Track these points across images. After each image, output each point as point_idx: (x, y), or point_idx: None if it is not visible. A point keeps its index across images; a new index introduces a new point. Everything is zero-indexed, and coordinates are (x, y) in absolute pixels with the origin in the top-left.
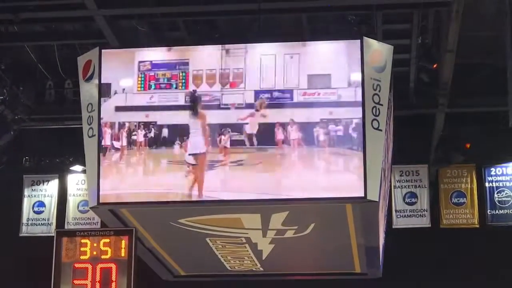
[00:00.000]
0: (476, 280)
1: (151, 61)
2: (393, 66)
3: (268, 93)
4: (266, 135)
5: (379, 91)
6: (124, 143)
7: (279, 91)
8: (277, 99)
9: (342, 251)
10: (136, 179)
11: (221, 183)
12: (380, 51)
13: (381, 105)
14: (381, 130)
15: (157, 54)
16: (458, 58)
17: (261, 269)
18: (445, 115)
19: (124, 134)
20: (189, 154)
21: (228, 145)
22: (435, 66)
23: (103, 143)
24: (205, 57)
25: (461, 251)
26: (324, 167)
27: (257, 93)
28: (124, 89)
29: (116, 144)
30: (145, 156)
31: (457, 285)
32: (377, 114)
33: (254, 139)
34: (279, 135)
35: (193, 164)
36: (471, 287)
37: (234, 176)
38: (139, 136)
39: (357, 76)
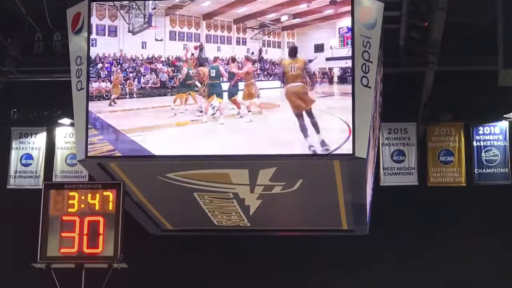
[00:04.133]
0: (462, 238)
1: None
2: (383, 23)
3: None
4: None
5: (369, 48)
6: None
7: None
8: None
9: (329, 207)
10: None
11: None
12: (370, 8)
13: (371, 62)
14: (370, 88)
15: None
16: (448, 16)
17: (248, 224)
18: (435, 74)
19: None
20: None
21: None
22: (425, 24)
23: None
24: None
25: (447, 210)
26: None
27: None
28: None
29: None
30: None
31: (443, 242)
32: (366, 71)
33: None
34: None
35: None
36: (458, 245)
37: (223, 131)
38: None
39: None
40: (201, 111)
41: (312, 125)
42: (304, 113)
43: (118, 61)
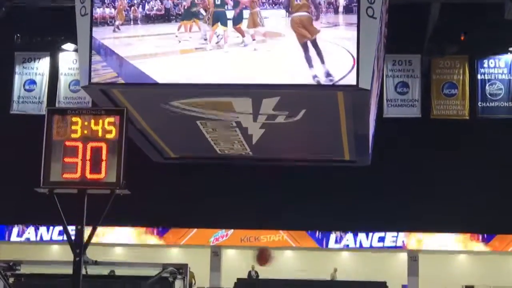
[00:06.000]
0: (463, 170)
1: None
2: None
3: None
4: None
5: None
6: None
7: None
8: None
9: (332, 138)
10: None
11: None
12: None
13: None
14: (375, 18)
15: None
16: None
17: (251, 153)
18: (441, 5)
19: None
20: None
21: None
22: None
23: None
24: None
25: (450, 142)
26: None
27: None
28: None
29: None
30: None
31: (445, 174)
32: (372, 1)
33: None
34: None
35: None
36: (459, 176)
37: (227, 59)
38: None
39: None
40: (205, 39)
41: (317, 55)
42: (309, 43)
43: None
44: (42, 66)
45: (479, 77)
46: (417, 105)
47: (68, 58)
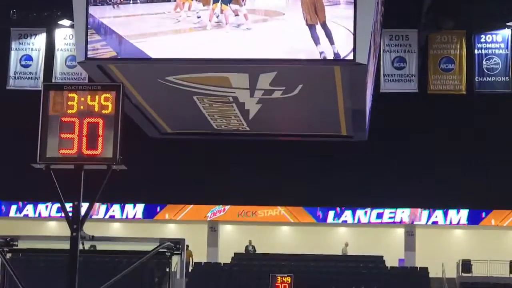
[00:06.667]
0: (461, 143)
1: None
2: None
3: None
4: None
5: None
6: None
7: None
8: None
9: (329, 113)
10: None
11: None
12: None
13: None
14: None
15: None
16: None
17: (247, 128)
18: None
19: None
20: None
21: None
22: None
23: None
24: None
25: (447, 117)
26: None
27: None
28: None
29: None
30: None
31: (442, 148)
32: None
33: None
34: None
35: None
36: (456, 151)
37: (226, 37)
38: None
39: None
40: (199, 17)
41: (326, 36)
42: (317, 24)
43: None
44: (38, 41)
45: (476, 52)
46: (414, 80)
47: (65, 34)
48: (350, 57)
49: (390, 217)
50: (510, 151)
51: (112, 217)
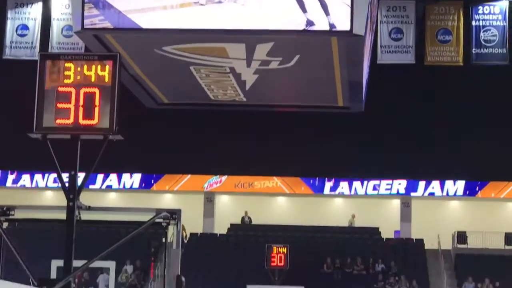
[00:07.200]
0: (458, 115)
1: None
2: None
3: None
4: None
5: None
6: None
7: None
8: None
9: (325, 84)
10: None
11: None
12: None
13: None
14: None
15: None
16: None
17: (244, 99)
18: None
19: None
20: None
21: None
22: None
23: None
24: None
25: (443, 88)
26: None
27: None
28: None
29: None
30: None
31: (439, 120)
32: None
33: None
34: None
35: None
36: (453, 123)
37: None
38: None
39: None
40: None
41: (321, 7)
42: None
43: None
44: (34, 11)
45: (473, 23)
46: (411, 52)
47: (61, 3)
48: (347, 28)
49: (387, 189)
50: (508, 123)
51: (109, 186)
